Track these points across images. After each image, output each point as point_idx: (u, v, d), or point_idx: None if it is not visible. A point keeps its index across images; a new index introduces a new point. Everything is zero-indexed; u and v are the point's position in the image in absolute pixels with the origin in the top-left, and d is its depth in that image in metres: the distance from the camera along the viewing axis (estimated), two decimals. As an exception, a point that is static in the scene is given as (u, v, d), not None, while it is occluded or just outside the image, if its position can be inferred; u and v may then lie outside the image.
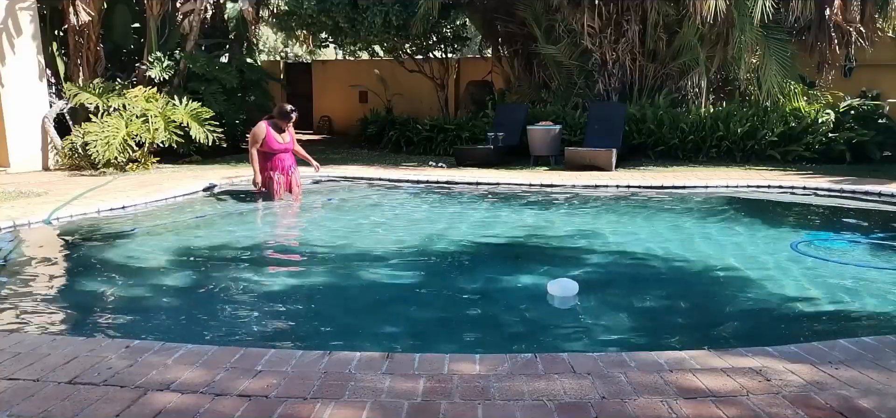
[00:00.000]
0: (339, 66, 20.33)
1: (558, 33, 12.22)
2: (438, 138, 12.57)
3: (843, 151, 10.33)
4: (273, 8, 14.83)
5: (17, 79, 10.57)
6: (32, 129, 10.71)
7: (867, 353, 2.75)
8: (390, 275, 4.82)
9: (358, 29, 13.38)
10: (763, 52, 10.94)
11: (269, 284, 4.57)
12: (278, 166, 7.65)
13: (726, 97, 12.37)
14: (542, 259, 5.30)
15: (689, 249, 5.43)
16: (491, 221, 6.73)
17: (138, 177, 9.41)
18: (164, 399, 2.37)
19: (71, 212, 6.61)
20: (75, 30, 11.49)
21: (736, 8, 10.53)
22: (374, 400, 2.36)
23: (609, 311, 3.97)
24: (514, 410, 2.28)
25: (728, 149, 10.74)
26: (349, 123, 16.83)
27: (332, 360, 2.71)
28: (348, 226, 6.55)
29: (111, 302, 4.17)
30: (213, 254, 5.43)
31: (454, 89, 17.05)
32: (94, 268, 4.94)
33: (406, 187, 8.86)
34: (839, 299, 4.08)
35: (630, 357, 2.73)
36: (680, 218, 6.74)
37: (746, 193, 8.12)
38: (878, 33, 11.93)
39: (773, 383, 2.46)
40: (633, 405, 2.30)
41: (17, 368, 2.65)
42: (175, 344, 2.89)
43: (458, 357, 2.78)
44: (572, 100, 12.27)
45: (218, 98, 12.03)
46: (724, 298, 4.28)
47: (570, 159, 10.14)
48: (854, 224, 6.54)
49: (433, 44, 15.08)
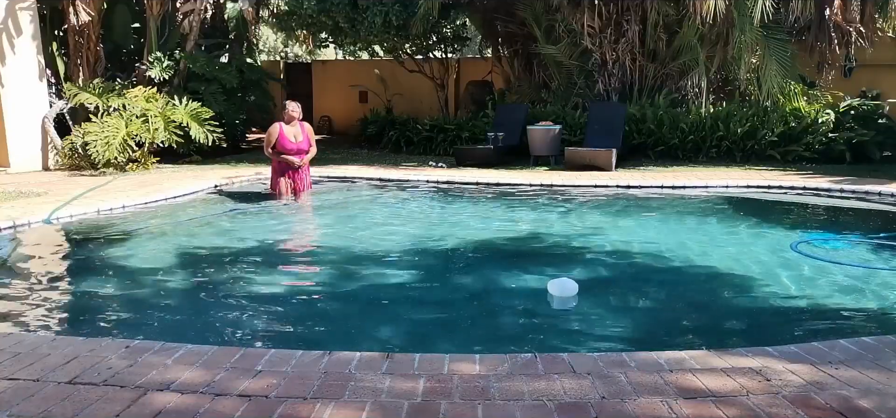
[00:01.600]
0: (339, 66, 20.32)
1: (558, 33, 12.22)
2: (438, 138, 12.57)
3: (843, 151, 10.33)
4: (273, 8, 14.83)
5: (17, 79, 10.57)
6: (32, 129, 10.71)
7: (867, 353, 2.75)
8: (390, 275, 4.82)
9: (358, 29, 13.37)
10: (763, 52, 10.94)
11: (269, 284, 4.57)
12: (284, 168, 7.68)
13: (726, 97, 12.36)
14: (542, 259, 5.31)
15: (689, 249, 5.43)
16: (491, 221, 6.73)
17: (138, 178, 9.41)
18: (164, 399, 2.37)
19: (71, 212, 6.61)
20: (75, 30, 11.49)
21: (736, 8, 10.52)
22: (374, 400, 2.36)
23: (609, 311, 3.97)
24: (514, 410, 2.28)
25: (728, 149, 10.74)
26: (349, 123, 16.81)
27: (332, 360, 2.71)
28: (348, 226, 6.56)
29: (111, 302, 4.17)
30: (214, 254, 5.43)
31: (454, 89, 17.04)
32: (94, 268, 4.94)
33: (406, 187, 8.86)
34: (839, 299, 4.08)
35: (630, 357, 2.73)
36: (680, 218, 6.74)
37: (746, 193, 8.12)
38: (878, 33, 11.93)
39: (773, 383, 2.46)
40: (633, 405, 2.30)
41: (17, 368, 2.66)
42: (175, 344, 2.89)
43: (458, 357, 2.78)
44: (572, 100, 12.27)
45: (218, 98, 12.03)
46: (724, 298, 4.28)
47: (570, 159, 10.14)
48: (854, 224, 6.54)
49: (433, 44, 15.07)
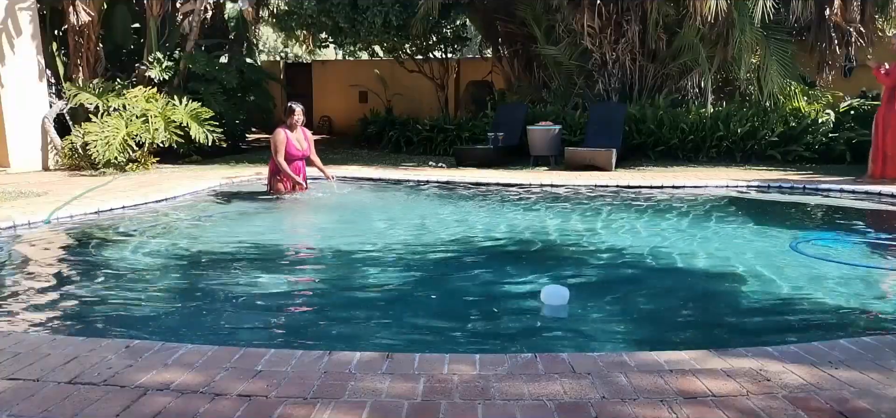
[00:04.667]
0: (339, 66, 20.33)
1: (558, 33, 12.23)
2: (438, 138, 12.57)
3: (843, 151, 10.33)
4: (273, 8, 14.84)
5: (16, 79, 10.57)
6: (32, 129, 10.71)
7: (867, 353, 2.74)
8: (390, 275, 4.82)
9: (358, 29, 13.38)
10: (763, 53, 10.95)
11: (269, 284, 4.57)
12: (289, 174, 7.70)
13: (726, 97, 12.37)
14: (542, 259, 5.30)
15: (689, 249, 5.43)
16: (490, 221, 6.72)
17: (138, 178, 9.41)
18: (164, 399, 2.37)
19: (71, 212, 6.61)
20: (75, 30, 11.50)
21: (736, 8, 10.53)
22: (374, 400, 2.36)
23: (609, 311, 3.96)
24: (514, 410, 2.27)
25: (728, 149, 10.74)
26: (349, 123, 16.82)
27: (332, 360, 2.70)
28: (347, 226, 6.56)
29: (111, 302, 4.16)
30: (213, 254, 5.43)
31: (454, 89, 17.06)
32: (94, 268, 4.93)
33: (406, 187, 8.86)
34: (839, 299, 4.08)
35: (630, 357, 2.73)
36: (680, 218, 6.74)
37: (746, 193, 8.12)
38: (878, 33, 11.94)
39: (773, 383, 2.46)
40: (633, 405, 2.30)
41: (17, 368, 2.65)
42: (175, 345, 2.88)
43: (458, 357, 2.77)
44: (572, 100, 12.28)
45: (218, 98, 12.04)
46: (724, 298, 4.28)
47: (570, 159, 10.14)
48: (854, 224, 6.54)
49: (433, 44, 15.08)
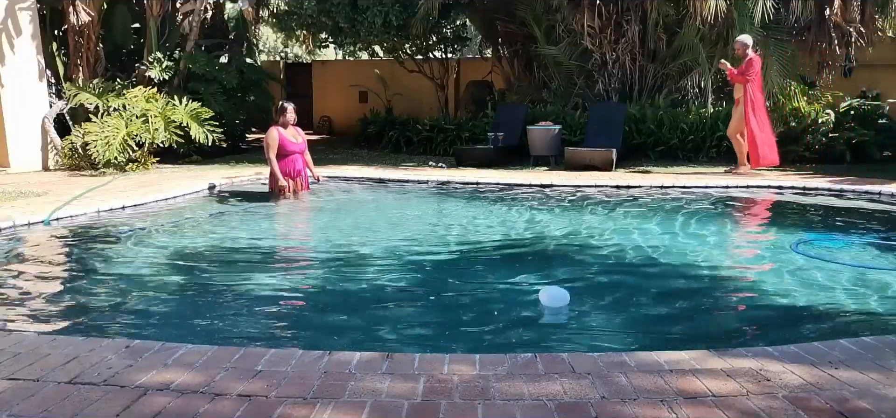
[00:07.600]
0: (339, 66, 20.33)
1: (558, 34, 12.23)
2: (438, 138, 12.57)
3: (843, 151, 10.33)
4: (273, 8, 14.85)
5: (16, 79, 10.57)
6: (32, 129, 10.71)
7: (867, 353, 2.74)
8: (390, 275, 4.82)
9: (358, 29, 13.39)
10: (763, 53, 10.94)
11: (269, 284, 4.57)
12: (288, 170, 7.70)
13: (726, 97, 12.37)
14: (542, 259, 5.30)
15: (689, 249, 5.43)
16: (490, 221, 6.72)
17: (138, 178, 9.41)
18: (164, 399, 2.37)
19: (71, 212, 6.61)
20: (75, 30, 11.50)
21: (736, 8, 10.53)
22: (374, 400, 2.36)
23: (609, 311, 3.96)
24: (514, 410, 2.27)
25: (728, 149, 10.73)
26: (349, 123, 16.83)
27: (332, 360, 2.70)
28: (347, 227, 6.55)
29: (111, 302, 4.16)
30: (213, 254, 5.43)
31: (454, 89, 17.06)
32: (93, 268, 4.94)
33: (406, 187, 8.86)
34: (839, 299, 4.08)
35: (630, 357, 2.73)
36: (679, 218, 6.74)
37: (746, 193, 8.12)
38: (878, 33, 11.93)
39: (774, 383, 2.46)
40: (633, 405, 2.30)
41: (17, 368, 2.65)
42: (175, 344, 2.88)
43: (458, 357, 2.77)
44: (572, 100, 12.28)
45: (218, 98, 12.04)
46: (724, 298, 4.28)
47: (570, 159, 10.14)
48: (854, 224, 6.54)
49: (433, 44, 15.08)
